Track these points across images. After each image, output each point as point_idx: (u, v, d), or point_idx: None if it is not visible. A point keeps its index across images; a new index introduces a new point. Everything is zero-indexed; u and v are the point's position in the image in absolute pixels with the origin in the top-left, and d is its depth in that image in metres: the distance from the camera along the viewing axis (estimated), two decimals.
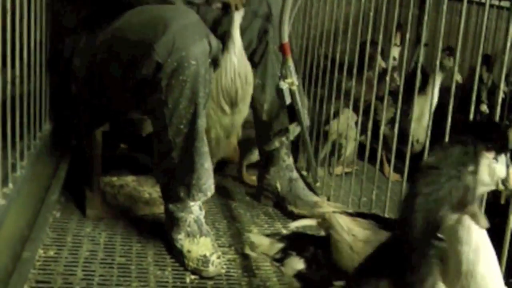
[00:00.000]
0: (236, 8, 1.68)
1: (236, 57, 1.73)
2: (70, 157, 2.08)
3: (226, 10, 1.72)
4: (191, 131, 1.52)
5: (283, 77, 1.92)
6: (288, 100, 1.94)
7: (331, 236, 1.13)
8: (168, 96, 1.48)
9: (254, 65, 1.94)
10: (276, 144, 2.04)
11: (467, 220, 0.91)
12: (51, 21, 1.88)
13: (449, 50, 2.57)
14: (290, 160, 2.08)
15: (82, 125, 1.88)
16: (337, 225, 1.14)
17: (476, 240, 0.91)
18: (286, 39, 1.90)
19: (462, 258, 0.91)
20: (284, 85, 1.91)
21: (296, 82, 1.94)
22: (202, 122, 1.53)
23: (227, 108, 1.76)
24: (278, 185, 2.05)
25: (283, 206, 2.05)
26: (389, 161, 2.22)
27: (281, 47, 1.91)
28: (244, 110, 1.82)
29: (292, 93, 1.93)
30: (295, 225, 1.27)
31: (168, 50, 1.44)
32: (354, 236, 1.11)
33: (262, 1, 1.91)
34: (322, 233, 1.17)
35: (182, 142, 1.54)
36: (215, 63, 1.56)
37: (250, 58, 1.87)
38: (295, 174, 2.08)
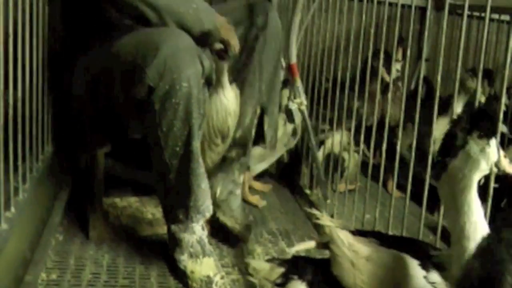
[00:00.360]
0: (233, 50, 1.69)
1: (226, 98, 1.75)
2: (73, 179, 2.07)
3: (221, 56, 1.71)
4: (187, 153, 1.52)
5: (292, 97, 1.93)
6: (297, 120, 1.94)
7: (331, 251, 1.13)
8: (162, 119, 1.49)
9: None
10: (233, 153, 1.97)
11: None
12: (53, 40, 1.89)
13: (472, 71, 2.50)
14: (239, 179, 2.03)
15: (85, 143, 1.88)
16: (338, 240, 1.15)
17: None
18: (294, 60, 1.90)
19: None
20: (293, 105, 1.91)
21: (304, 102, 1.94)
22: (197, 144, 1.53)
23: (219, 141, 1.77)
24: (218, 191, 1.97)
25: (214, 212, 1.95)
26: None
27: (289, 68, 1.91)
28: (231, 135, 1.82)
29: (301, 112, 1.93)
30: (295, 249, 1.27)
31: (159, 73, 1.44)
32: (355, 252, 1.10)
33: (262, 14, 1.91)
34: (323, 255, 1.17)
35: (178, 163, 1.54)
36: (209, 83, 1.56)
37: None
38: (238, 191, 2.03)
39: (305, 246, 1.24)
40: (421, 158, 1.71)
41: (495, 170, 1.03)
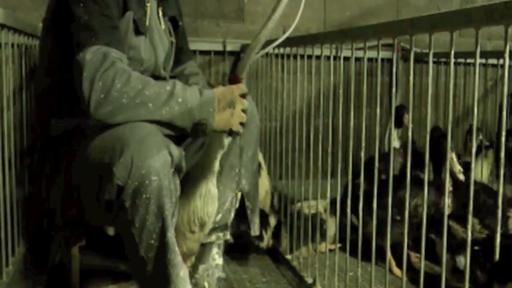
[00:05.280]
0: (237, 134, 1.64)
1: (213, 185, 1.71)
2: (47, 276, 2.01)
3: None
4: (162, 245, 1.48)
5: None
6: None
7: None
8: (134, 216, 1.45)
9: None
10: (213, 238, 1.94)
11: None
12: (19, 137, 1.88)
13: None
14: (220, 261, 2.00)
15: (59, 240, 1.83)
16: None
17: None
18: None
19: None
20: None
21: None
22: (171, 233, 1.49)
23: (196, 229, 1.73)
24: (206, 285, 1.95)
25: None
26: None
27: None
28: (210, 225, 1.79)
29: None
30: None
31: (127, 171, 1.41)
32: None
33: None
34: None
35: (155, 255, 1.50)
36: (179, 170, 1.53)
37: None
38: (223, 275, 2.01)
39: None
40: None
41: None
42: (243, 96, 1.61)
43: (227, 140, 1.65)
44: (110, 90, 1.43)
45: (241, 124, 1.62)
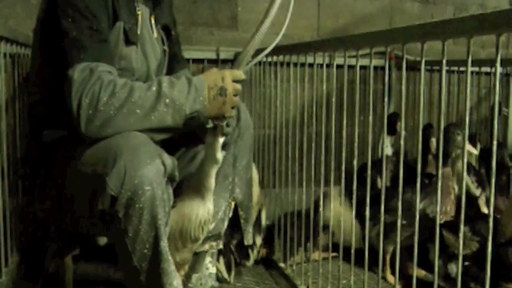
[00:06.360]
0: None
1: (211, 202, 1.70)
2: (41, 286, 2.00)
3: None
4: (156, 254, 1.48)
5: None
6: None
7: None
8: (128, 226, 1.44)
9: None
10: (206, 247, 1.95)
11: None
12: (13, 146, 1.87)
13: None
14: (213, 269, 2.01)
15: (52, 250, 1.83)
16: None
17: None
18: None
19: None
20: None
21: None
22: (164, 242, 1.49)
23: (189, 245, 1.73)
24: None
25: None
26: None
27: None
28: (204, 236, 1.79)
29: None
30: None
31: (120, 181, 1.40)
32: None
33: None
34: None
35: (148, 265, 1.50)
36: (171, 179, 1.52)
37: None
38: (217, 284, 2.02)
39: None
40: None
41: None
42: (237, 82, 1.60)
43: (221, 154, 1.64)
44: (97, 105, 1.43)
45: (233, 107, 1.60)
